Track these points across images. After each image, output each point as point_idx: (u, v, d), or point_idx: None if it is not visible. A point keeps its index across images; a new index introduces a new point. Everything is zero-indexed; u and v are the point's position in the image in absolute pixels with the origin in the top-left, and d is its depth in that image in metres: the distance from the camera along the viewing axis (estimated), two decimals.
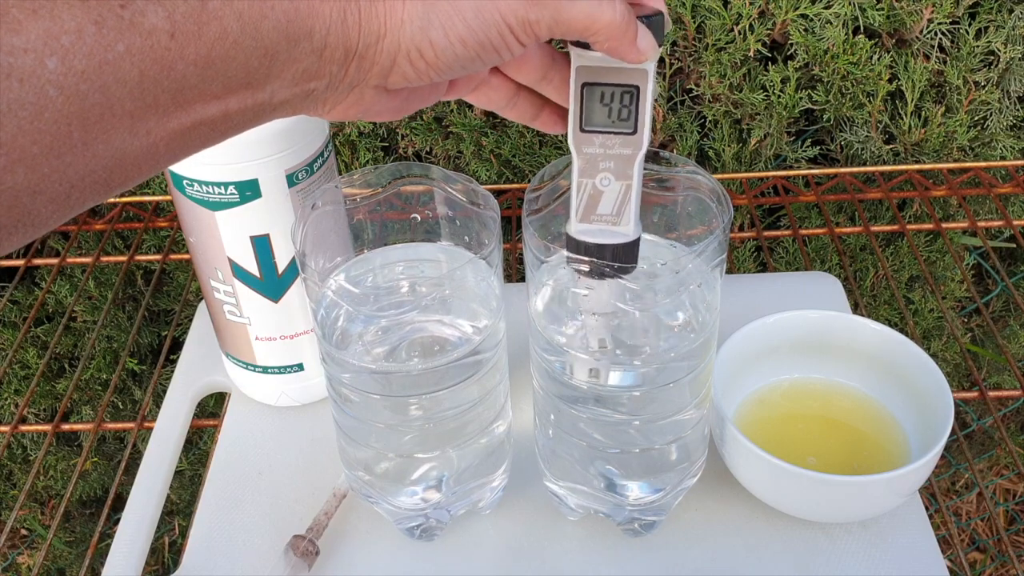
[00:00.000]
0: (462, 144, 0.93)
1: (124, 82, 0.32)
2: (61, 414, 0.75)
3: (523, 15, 0.38)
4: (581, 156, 0.44)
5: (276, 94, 0.37)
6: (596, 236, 0.45)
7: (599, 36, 0.40)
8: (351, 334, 0.52)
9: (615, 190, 0.45)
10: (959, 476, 1.29)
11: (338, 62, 0.38)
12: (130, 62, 0.32)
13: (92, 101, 0.31)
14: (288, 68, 0.36)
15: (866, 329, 0.63)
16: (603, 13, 0.39)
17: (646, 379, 0.51)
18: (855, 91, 0.88)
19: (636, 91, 0.43)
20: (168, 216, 0.92)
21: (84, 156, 0.32)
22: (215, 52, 0.34)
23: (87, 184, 0.33)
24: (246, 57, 0.35)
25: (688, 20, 0.85)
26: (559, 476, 0.57)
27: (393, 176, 0.53)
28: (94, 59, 0.31)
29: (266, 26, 0.35)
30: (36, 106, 0.30)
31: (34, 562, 1.27)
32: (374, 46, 0.38)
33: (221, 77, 0.34)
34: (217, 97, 0.35)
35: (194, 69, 0.33)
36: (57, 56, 0.30)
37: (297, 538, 0.58)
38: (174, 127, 0.34)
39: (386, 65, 0.39)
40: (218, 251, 0.60)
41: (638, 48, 0.40)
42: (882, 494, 0.56)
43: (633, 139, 0.44)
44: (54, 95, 0.30)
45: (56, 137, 0.31)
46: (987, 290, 1.09)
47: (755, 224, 0.89)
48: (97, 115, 0.31)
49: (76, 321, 1.06)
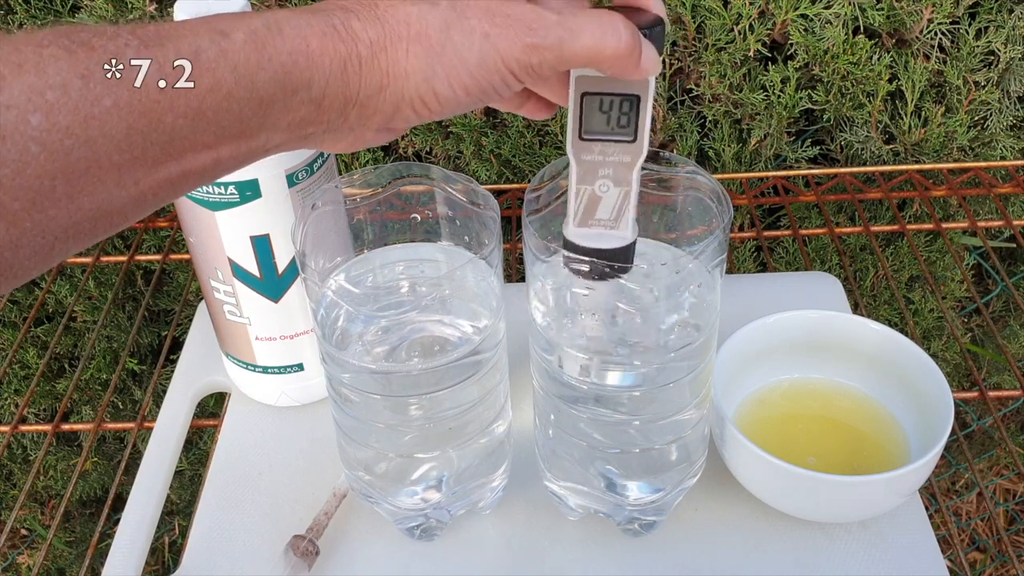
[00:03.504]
0: (462, 144, 0.93)
1: (111, 136, 0.31)
2: (61, 414, 0.75)
3: (526, 61, 0.38)
4: (580, 163, 0.44)
5: (270, 140, 0.36)
6: (593, 240, 0.45)
7: (603, 66, 0.39)
8: (351, 334, 0.52)
9: (614, 196, 0.44)
10: (959, 476, 1.29)
11: (337, 110, 0.37)
12: (117, 116, 0.31)
13: (77, 156, 0.30)
14: (284, 117, 0.36)
15: (866, 329, 0.63)
16: (607, 45, 0.38)
17: (646, 379, 0.51)
18: (855, 91, 0.88)
19: (637, 100, 0.42)
20: (168, 216, 0.92)
21: (68, 209, 0.31)
22: (207, 103, 0.33)
23: (70, 236, 0.32)
24: (240, 108, 0.34)
25: (688, 20, 0.85)
26: (559, 476, 0.57)
27: (393, 176, 0.53)
28: (79, 114, 0.30)
29: (262, 77, 0.34)
30: (18, 163, 0.29)
31: (34, 562, 1.27)
32: (376, 96, 0.37)
33: (213, 127, 0.33)
34: (209, 146, 0.34)
35: (184, 121, 0.33)
36: (41, 112, 0.29)
37: (297, 538, 0.58)
38: (163, 176, 0.33)
39: (389, 112, 0.38)
40: (218, 251, 0.60)
41: (642, 68, 0.40)
42: (882, 494, 0.56)
43: (633, 147, 0.43)
44: (36, 151, 0.29)
45: (39, 192, 0.30)
46: (987, 290, 1.09)
47: (755, 224, 0.89)
48: (82, 169, 0.31)
49: (76, 321, 1.06)
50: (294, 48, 0.35)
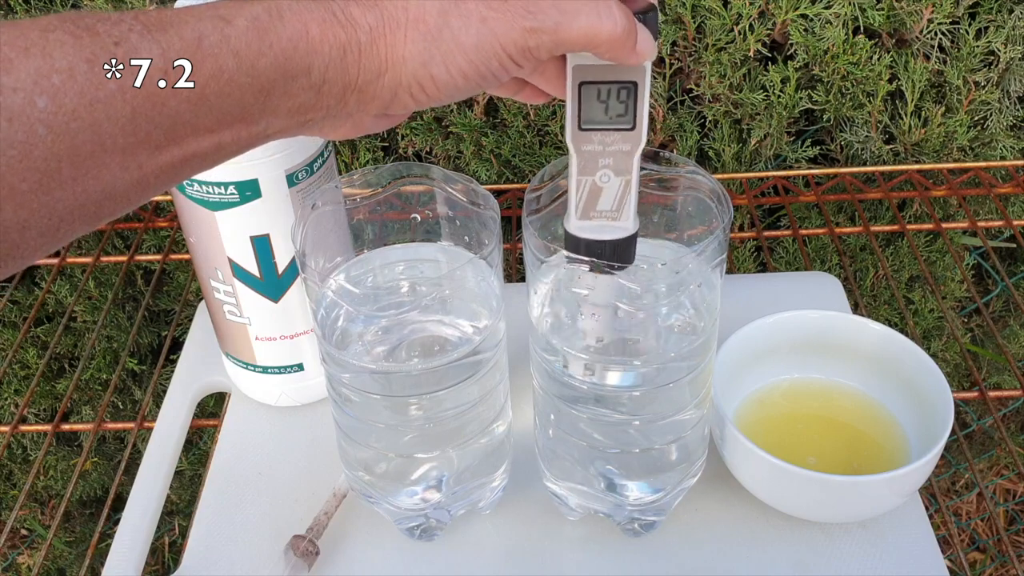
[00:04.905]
0: (462, 144, 0.93)
1: (115, 119, 0.31)
2: (61, 414, 0.75)
3: (523, 44, 0.38)
4: (580, 154, 0.44)
5: (271, 126, 0.37)
6: (596, 232, 0.45)
7: (600, 49, 0.39)
8: (351, 334, 0.52)
9: (615, 186, 0.45)
10: (959, 476, 1.29)
11: (336, 96, 0.37)
12: (122, 99, 0.31)
13: (82, 138, 0.31)
14: (284, 103, 0.36)
15: (866, 329, 0.63)
16: (603, 28, 0.38)
17: (646, 379, 0.51)
18: (855, 91, 0.88)
19: (634, 87, 0.43)
20: (168, 216, 0.92)
21: (73, 191, 0.32)
22: (209, 89, 0.33)
23: (76, 217, 0.32)
24: (241, 93, 0.34)
25: (688, 20, 0.85)
26: (559, 476, 0.57)
27: (393, 176, 0.53)
28: (85, 97, 0.31)
29: (263, 63, 0.35)
30: (25, 144, 0.30)
31: (34, 562, 1.27)
32: (374, 82, 0.38)
33: (215, 112, 0.34)
34: (211, 131, 0.34)
35: (187, 105, 0.33)
36: (47, 95, 0.30)
37: (297, 538, 0.58)
38: (166, 160, 0.34)
39: (387, 98, 0.39)
40: (218, 251, 0.60)
41: (638, 52, 0.40)
42: (882, 494, 0.56)
43: (632, 135, 0.44)
44: (43, 133, 0.30)
45: (45, 174, 0.31)
46: (987, 290, 1.09)
47: (755, 224, 0.89)
48: (87, 151, 0.31)
49: (76, 321, 1.06)
50: (294, 34, 0.35)
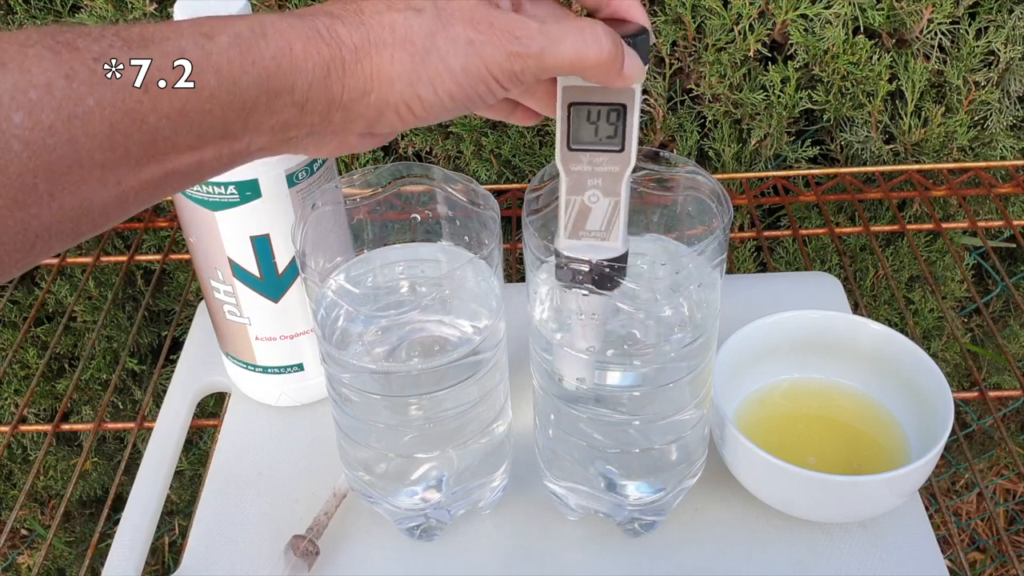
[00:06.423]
0: (462, 144, 0.93)
1: (94, 135, 0.31)
2: (61, 414, 0.75)
3: (508, 68, 0.38)
4: (569, 174, 0.44)
5: (254, 143, 0.36)
6: (585, 252, 0.45)
7: (587, 73, 0.40)
8: (351, 334, 0.52)
9: (603, 206, 0.45)
10: (959, 476, 1.29)
11: (320, 114, 0.37)
12: (100, 116, 0.31)
13: (59, 154, 0.30)
14: (267, 120, 0.36)
15: (866, 329, 0.63)
16: (589, 52, 0.38)
17: (646, 379, 0.51)
18: (855, 91, 0.88)
19: (623, 109, 0.43)
20: (168, 216, 0.92)
21: (50, 207, 0.31)
22: (190, 105, 0.33)
23: (52, 234, 0.32)
24: (223, 110, 0.34)
25: (688, 20, 0.85)
26: (559, 476, 0.57)
27: (393, 176, 0.53)
28: (63, 113, 0.30)
29: (246, 81, 0.34)
30: (0, 160, 0.29)
31: (34, 562, 1.27)
32: (359, 101, 0.38)
33: (196, 129, 0.34)
34: (192, 148, 0.34)
35: (167, 122, 0.33)
36: (24, 110, 0.29)
37: (297, 538, 0.58)
38: (146, 177, 0.33)
39: (372, 117, 0.38)
40: (218, 251, 0.60)
41: (625, 75, 0.40)
42: (882, 494, 0.56)
43: (621, 156, 0.44)
44: (19, 149, 0.30)
45: (20, 190, 0.30)
46: (987, 290, 1.09)
47: (755, 224, 0.89)
48: (65, 167, 0.31)
49: (76, 321, 1.06)
50: (277, 51, 0.35)
